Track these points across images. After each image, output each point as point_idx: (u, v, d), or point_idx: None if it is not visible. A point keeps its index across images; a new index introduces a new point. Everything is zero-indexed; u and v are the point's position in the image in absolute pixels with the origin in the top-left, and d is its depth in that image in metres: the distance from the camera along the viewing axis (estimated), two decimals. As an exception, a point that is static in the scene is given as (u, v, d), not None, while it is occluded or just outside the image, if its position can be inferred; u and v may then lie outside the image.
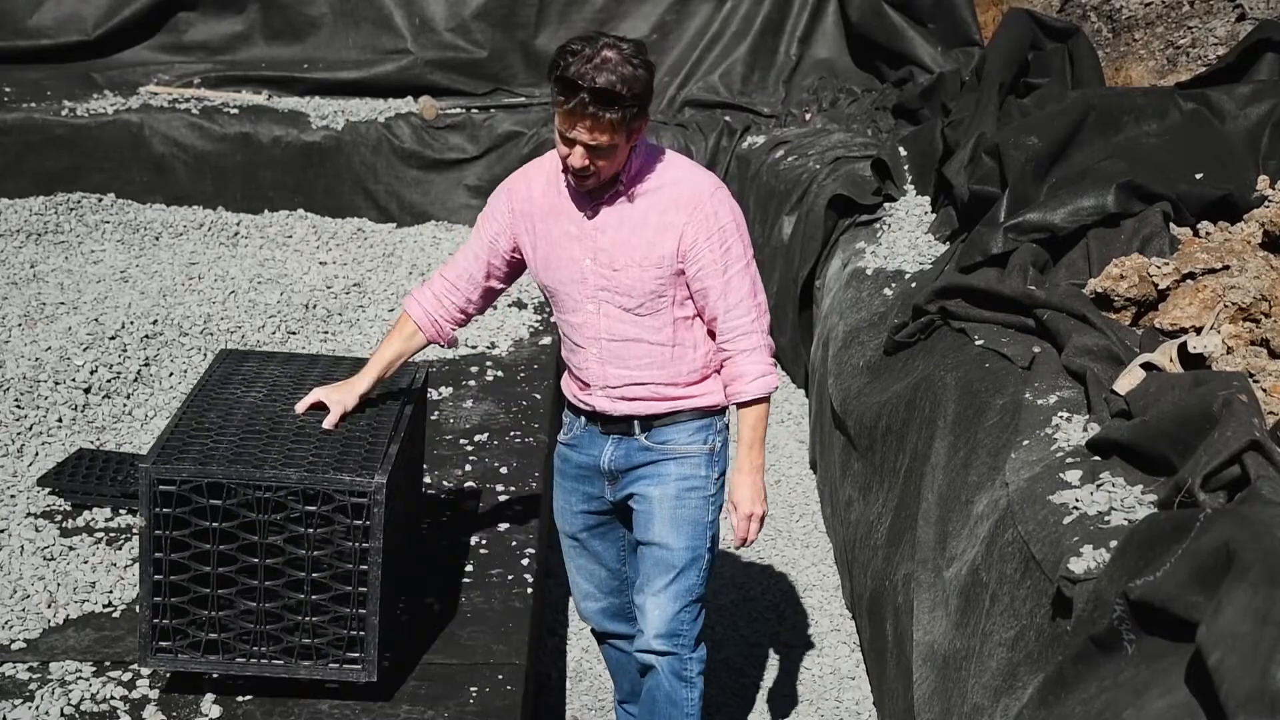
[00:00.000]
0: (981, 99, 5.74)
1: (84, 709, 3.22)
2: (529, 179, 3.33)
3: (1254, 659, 1.79)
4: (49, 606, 3.62)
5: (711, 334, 3.29)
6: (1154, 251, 3.95)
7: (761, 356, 3.27)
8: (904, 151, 6.15)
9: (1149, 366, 3.20)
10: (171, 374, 5.16)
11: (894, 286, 5.07)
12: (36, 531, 3.97)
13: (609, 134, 3.01)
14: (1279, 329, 3.39)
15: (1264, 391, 3.07)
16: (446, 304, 3.41)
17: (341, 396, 3.35)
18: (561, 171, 3.20)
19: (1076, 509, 2.82)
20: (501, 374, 5.46)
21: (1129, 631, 2.21)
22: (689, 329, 3.28)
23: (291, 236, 7.20)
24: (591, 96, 2.96)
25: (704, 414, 3.35)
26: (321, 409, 3.35)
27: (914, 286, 4.85)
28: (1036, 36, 6.15)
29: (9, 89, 7.92)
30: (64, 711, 3.20)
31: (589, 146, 3.03)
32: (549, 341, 5.79)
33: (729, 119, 7.88)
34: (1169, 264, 3.75)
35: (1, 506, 4.12)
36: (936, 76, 7.08)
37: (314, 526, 3.08)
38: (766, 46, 8.29)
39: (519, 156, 7.58)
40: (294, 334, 5.69)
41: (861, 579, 4.30)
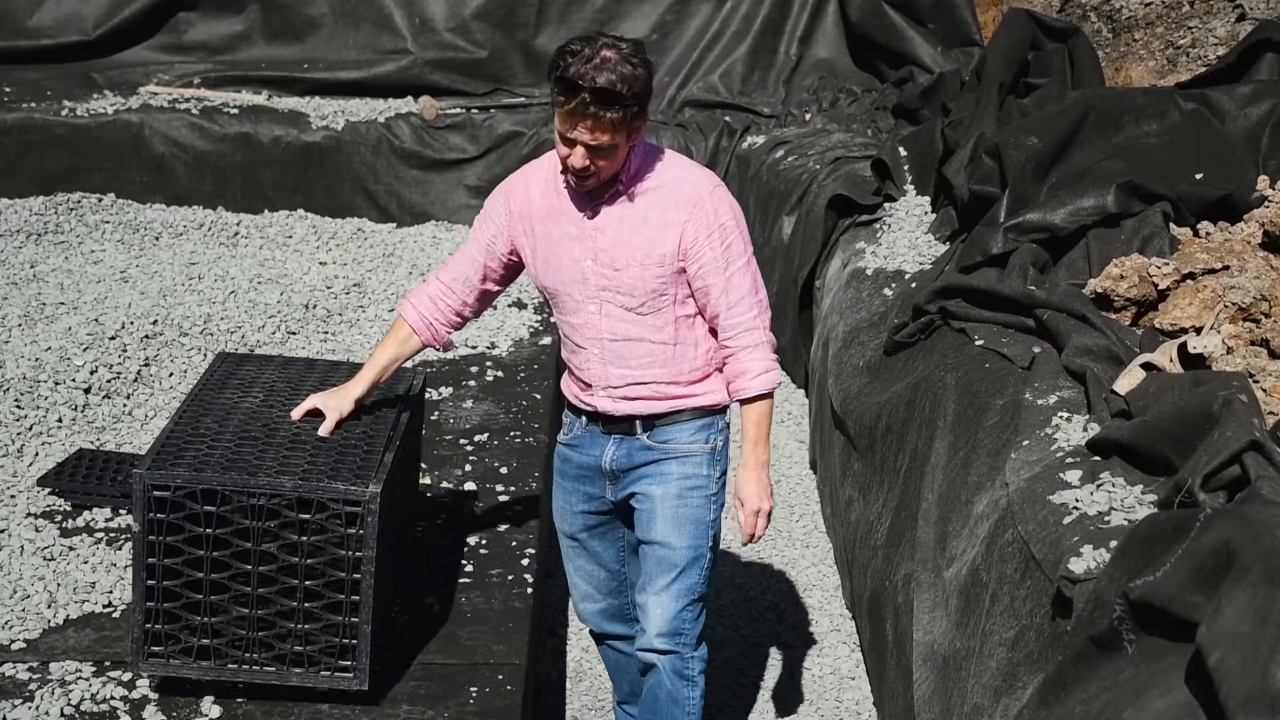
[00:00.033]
0: (981, 99, 5.73)
1: (84, 709, 3.21)
2: (527, 181, 3.33)
3: (1254, 659, 1.79)
4: (49, 606, 3.62)
5: (713, 332, 3.29)
6: (1154, 251, 3.95)
7: (764, 353, 3.27)
8: (904, 151, 6.15)
9: (1149, 366, 3.20)
10: (171, 374, 5.16)
11: (894, 286, 5.07)
12: (36, 531, 3.97)
13: (610, 134, 3.02)
14: (1279, 329, 3.39)
15: (1264, 391, 3.06)
16: (442, 307, 3.40)
17: (337, 403, 3.34)
18: (561, 172, 3.20)
19: (1076, 509, 2.82)
20: (501, 374, 5.45)
21: (1129, 631, 2.21)
22: (690, 327, 3.28)
23: (291, 236, 7.20)
24: (592, 96, 2.96)
25: (706, 413, 3.35)
26: (317, 415, 3.33)
27: (914, 286, 4.85)
28: (1036, 36, 6.15)
29: (9, 89, 7.92)
30: (64, 711, 3.20)
31: (590, 146, 3.03)
32: (549, 341, 5.79)
33: (729, 119, 7.88)
34: (1169, 264, 3.75)
35: (1, 506, 4.12)
36: (936, 76, 7.08)
37: (308, 534, 3.08)
38: (766, 46, 8.29)
39: (519, 156, 7.58)
40: (294, 334, 5.68)
41: (861, 579, 4.30)
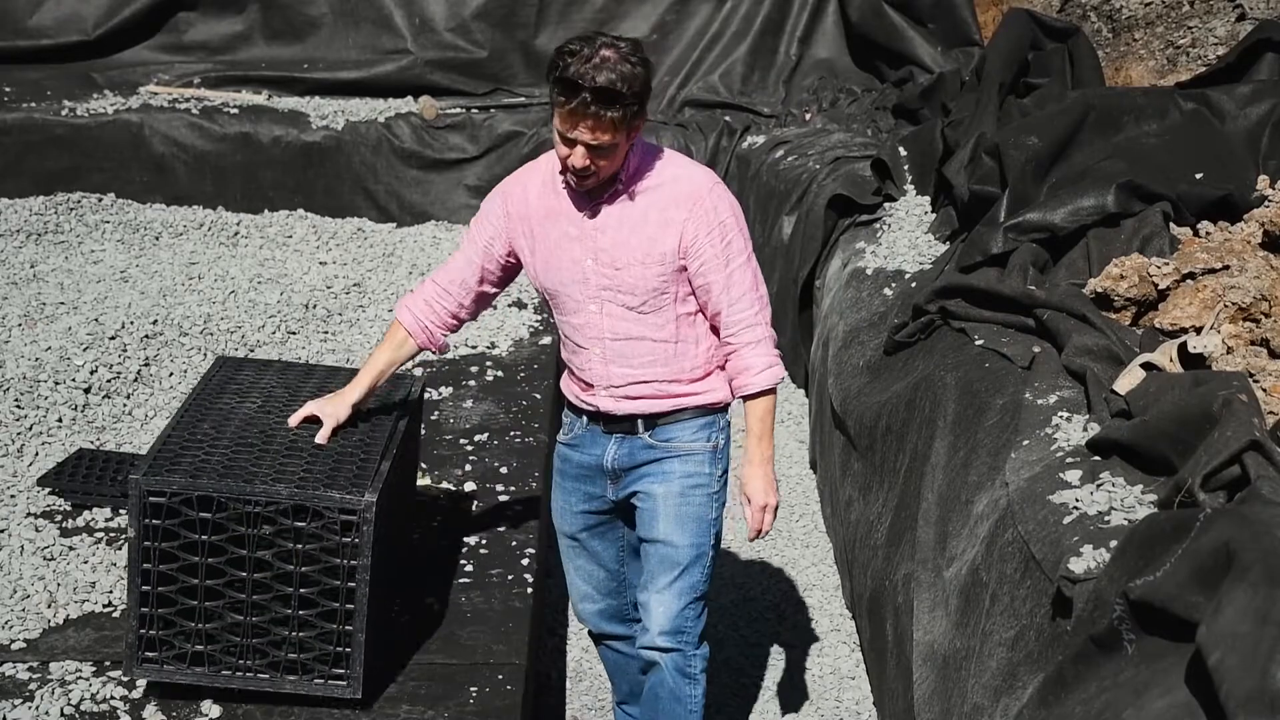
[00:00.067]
0: (981, 99, 5.73)
1: (84, 709, 3.21)
2: (524, 182, 3.32)
3: (1254, 659, 1.79)
4: (49, 606, 3.62)
5: (714, 329, 3.30)
6: (1154, 251, 3.95)
7: (767, 348, 3.28)
8: (904, 151, 6.15)
9: (1149, 366, 3.20)
10: (171, 374, 5.16)
11: (894, 286, 5.07)
12: (36, 531, 3.97)
13: (610, 133, 3.02)
14: (1279, 329, 3.39)
15: (1264, 391, 3.06)
16: (438, 309, 3.40)
17: (334, 409, 3.34)
18: (559, 173, 3.20)
19: (1076, 509, 2.82)
20: (501, 374, 5.45)
21: (1129, 631, 2.21)
22: (691, 325, 3.28)
23: (291, 236, 7.20)
24: (593, 96, 2.96)
25: (707, 411, 3.35)
26: (314, 422, 3.33)
27: (914, 286, 4.85)
28: (1036, 36, 6.15)
29: (9, 89, 7.92)
30: (64, 711, 3.20)
31: (590, 146, 3.03)
32: (549, 341, 5.79)
33: (729, 119, 7.88)
34: (1169, 264, 3.75)
35: (1, 506, 4.12)
36: (936, 76, 7.08)
37: (303, 542, 3.08)
38: (766, 46, 8.29)
39: (519, 156, 7.58)
40: (294, 334, 5.68)
41: (861, 579, 4.30)
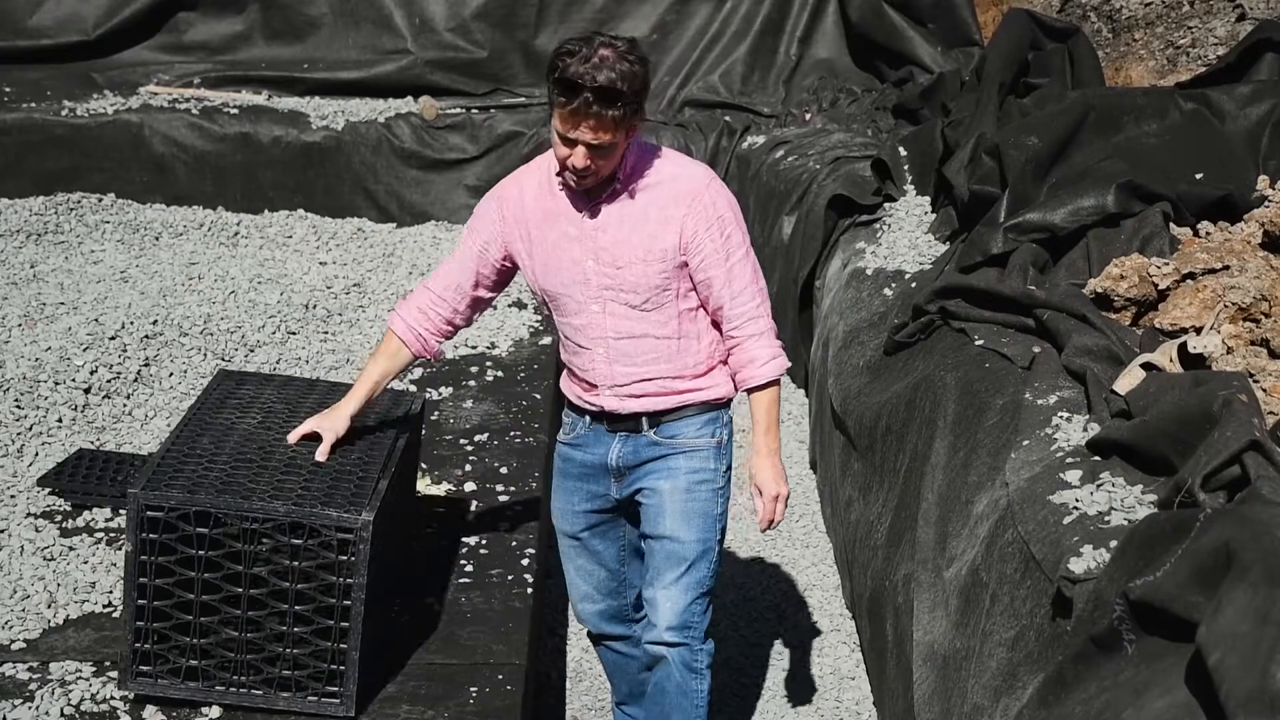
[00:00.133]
0: (981, 99, 5.73)
1: (84, 709, 3.21)
2: (520, 185, 3.32)
3: (1254, 659, 1.79)
4: (49, 606, 3.62)
5: (715, 325, 3.30)
6: (1154, 251, 3.95)
7: (770, 340, 3.29)
8: (904, 151, 6.15)
9: (1149, 366, 3.20)
10: (171, 374, 5.16)
11: (894, 286, 5.07)
12: (36, 531, 3.97)
13: (611, 132, 3.02)
14: (1279, 329, 3.39)
15: (1264, 391, 3.06)
16: (432, 316, 3.39)
17: (331, 423, 3.33)
18: (557, 174, 3.20)
19: (1076, 509, 2.82)
20: (501, 374, 5.46)
21: (1129, 631, 2.21)
22: (693, 321, 3.29)
23: (291, 236, 7.20)
24: (594, 95, 2.96)
25: (711, 407, 3.36)
26: (315, 438, 3.32)
27: (914, 286, 4.85)
28: (1036, 36, 6.15)
29: (9, 89, 7.91)
30: (64, 711, 3.20)
31: (591, 146, 3.03)
32: (549, 341, 5.79)
33: (729, 119, 7.87)
34: (1169, 264, 3.75)
35: (1, 506, 4.11)
36: (936, 76, 7.08)
37: (299, 559, 3.07)
38: (766, 46, 8.29)
39: (519, 156, 7.57)
40: (294, 334, 5.68)
41: (861, 579, 4.30)
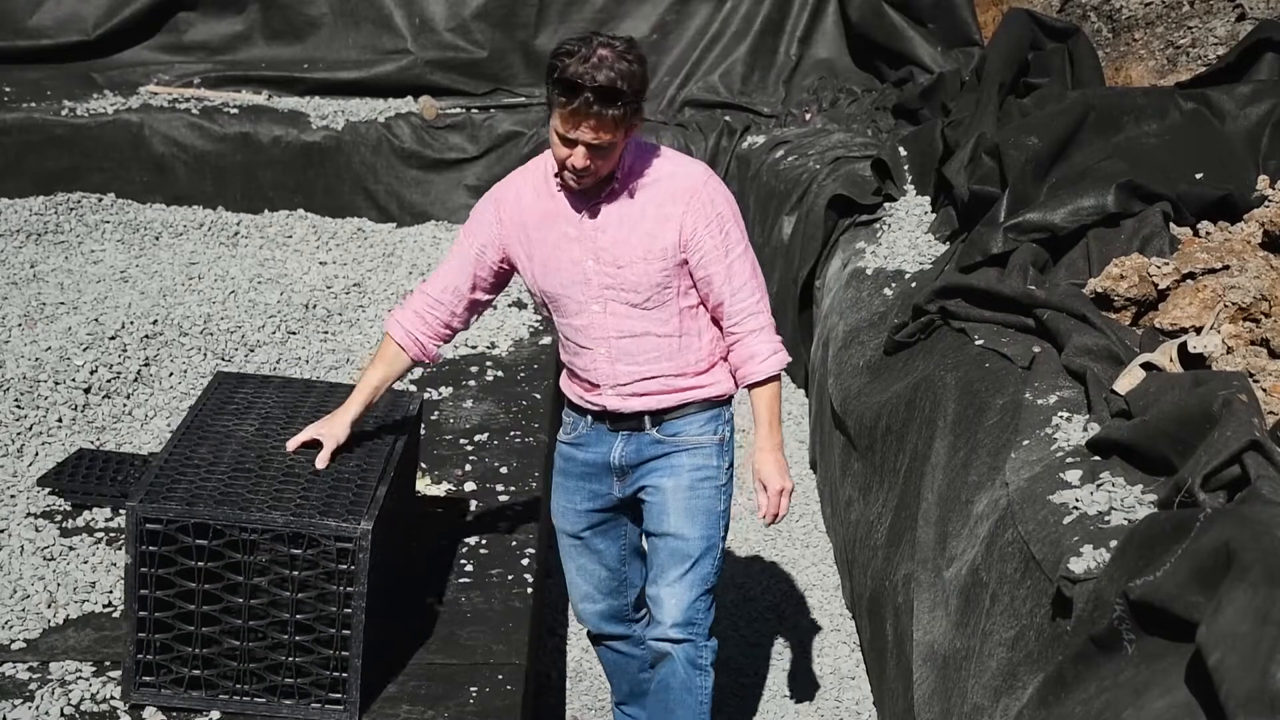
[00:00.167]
0: (981, 99, 5.73)
1: (84, 709, 3.21)
2: (516, 187, 3.32)
3: (1254, 659, 1.79)
4: (49, 606, 3.62)
5: (715, 321, 3.31)
6: (1154, 251, 3.95)
7: (770, 335, 3.30)
8: (904, 151, 6.15)
9: (1149, 366, 3.20)
10: (171, 374, 5.16)
11: (894, 286, 5.07)
12: (36, 531, 3.97)
13: (611, 132, 3.03)
14: (1279, 329, 3.39)
15: (1264, 391, 3.06)
16: (430, 320, 3.38)
17: (330, 430, 3.32)
18: (554, 175, 3.20)
19: (1076, 509, 2.82)
20: (501, 374, 5.46)
21: (1129, 631, 2.21)
22: (694, 318, 3.29)
23: (291, 236, 7.20)
24: (595, 95, 2.96)
25: (713, 404, 3.37)
26: (314, 445, 3.31)
27: (914, 286, 4.85)
28: (1036, 36, 6.15)
29: (9, 89, 7.91)
30: (64, 711, 3.20)
31: (591, 146, 3.03)
32: (549, 341, 5.79)
33: (729, 119, 7.87)
34: (1169, 264, 3.75)
35: (1, 506, 4.11)
36: (936, 76, 7.08)
37: (299, 569, 3.07)
38: (766, 46, 8.28)
39: (519, 156, 7.57)
40: (294, 334, 5.68)
41: (861, 579, 4.30)
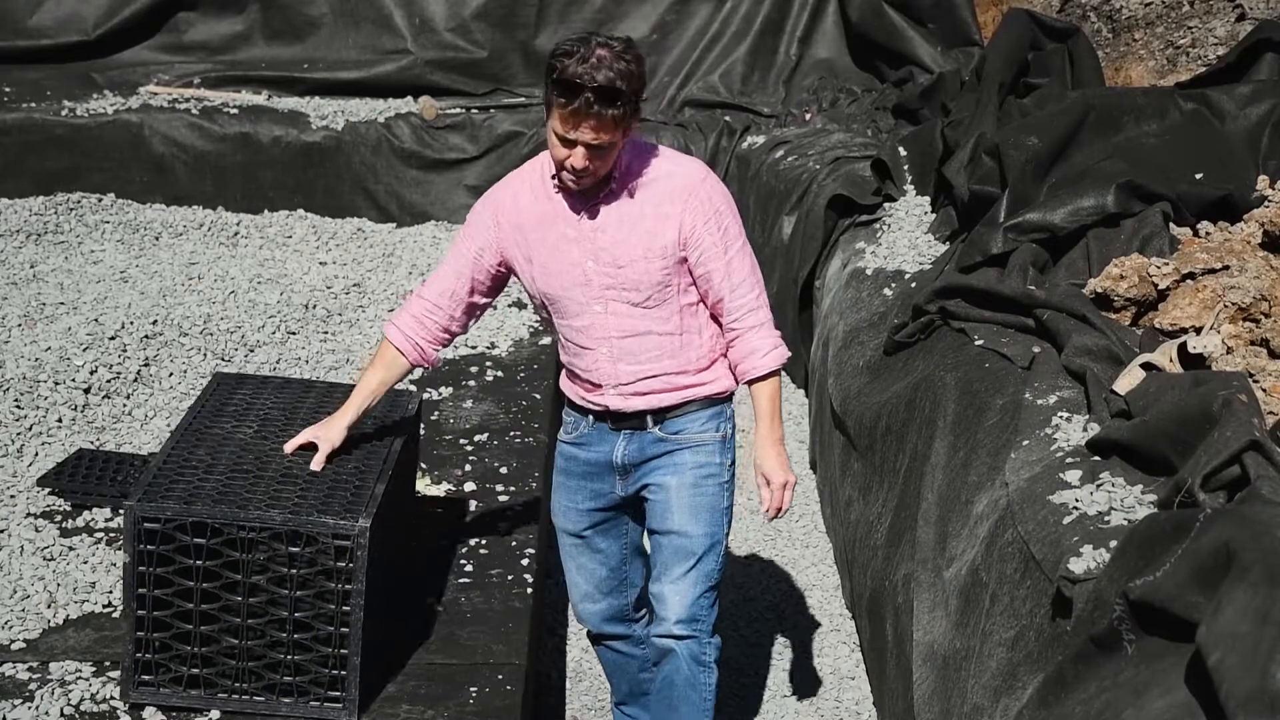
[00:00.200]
0: (981, 99, 5.73)
1: (84, 709, 3.21)
2: (513, 190, 3.31)
3: (1254, 659, 1.79)
4: (49, 606, 3.62)
5: (715, 318, 3.31)
6: (1154, 251, 3.95)
7: (770, 330, 3.31)
8: (904, 151, 6.15)
9: (1149, 366, 3.20)
10: (171, 374, 5.16)
11: (894, 286, 5.07)
12: (36, 531, 3.97)
13: (611, 131, 3.03)
14: (1279, 329, 3.39)
15: (1264, 391, 3.07)
16: (429, 324, 3.38)
17: (327, 433, 3.33)
18: (552, 176, 3.20)
19: (1076, 509, 2.82)
20: (501, 374, 5.46)
21: (1129, 631, 2.21)
22: (694, 315, 3.30)
23: (291, 236, 7.20)
24: (595, 95, 2.96)
25: (714, 401, 3.37)
26: (311, 448, 3.32)
27: (914, 286, 4.85)
28: (1036, 36, 6.15)
29: (9, 89, 7.91)
30: (64, 711, 3.20)
31: (591, 146, 3.03)
32: (549, 341, 5.78)
33: (729, 119, 7.87)
34: (1169, 264, 3.75)
35: (1, 506, 4.11)
36: (936, 76, 7.07)
37: (298, 567, 3.07)
38: (766, 46, 8.28)
39: (519, 156, 7.56)
40: (294, 334, 5.68)
41: (861, 579, 4.30)
